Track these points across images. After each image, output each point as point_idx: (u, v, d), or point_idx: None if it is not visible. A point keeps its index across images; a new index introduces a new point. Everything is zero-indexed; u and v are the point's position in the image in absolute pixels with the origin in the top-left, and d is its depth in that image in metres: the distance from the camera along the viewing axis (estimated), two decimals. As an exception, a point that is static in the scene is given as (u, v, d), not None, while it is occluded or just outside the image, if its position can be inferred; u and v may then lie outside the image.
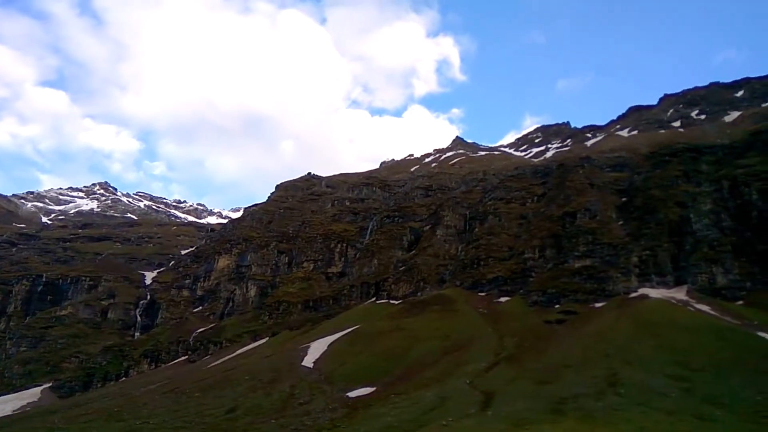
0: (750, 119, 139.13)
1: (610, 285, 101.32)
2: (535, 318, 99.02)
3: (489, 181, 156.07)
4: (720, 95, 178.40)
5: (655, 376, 63.64)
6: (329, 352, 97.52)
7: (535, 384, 68.63)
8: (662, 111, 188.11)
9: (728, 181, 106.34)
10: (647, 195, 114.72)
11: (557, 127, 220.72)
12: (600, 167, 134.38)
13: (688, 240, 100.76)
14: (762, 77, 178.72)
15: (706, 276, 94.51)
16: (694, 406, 54.20)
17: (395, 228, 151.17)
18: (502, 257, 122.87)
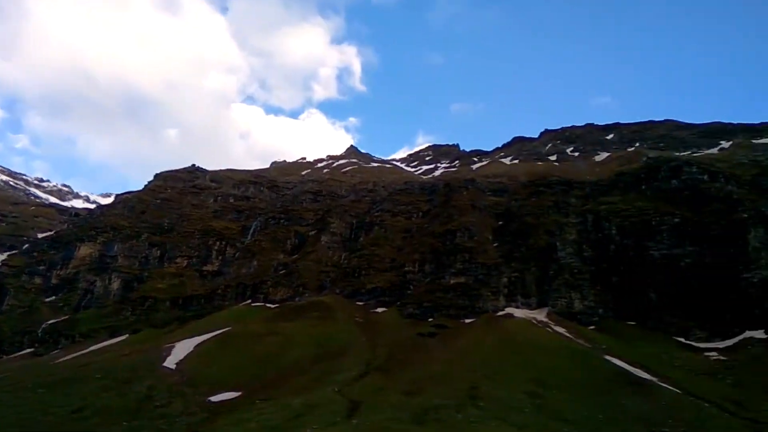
0: (617, 161, 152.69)
1: (481, 303, 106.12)
2: (409, 330, 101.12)
3: (378, 193, 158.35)
4: (593, 136, 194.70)
5: (513, 391, 67.11)
6: (195, 353, 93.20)
7: (402, 394, 69.84)
8: (542, 144, 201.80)
9: (592, 215, 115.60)
10: (521, 221, 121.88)
11: (447, 148, 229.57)
12: (482, 190, 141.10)
13: (553, 266, 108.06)
14: (630, 123, 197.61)
15: (565, 300, 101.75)
16: (543, 421, 57.68)
17: (280, 230, 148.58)
18: (384, 268, 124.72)
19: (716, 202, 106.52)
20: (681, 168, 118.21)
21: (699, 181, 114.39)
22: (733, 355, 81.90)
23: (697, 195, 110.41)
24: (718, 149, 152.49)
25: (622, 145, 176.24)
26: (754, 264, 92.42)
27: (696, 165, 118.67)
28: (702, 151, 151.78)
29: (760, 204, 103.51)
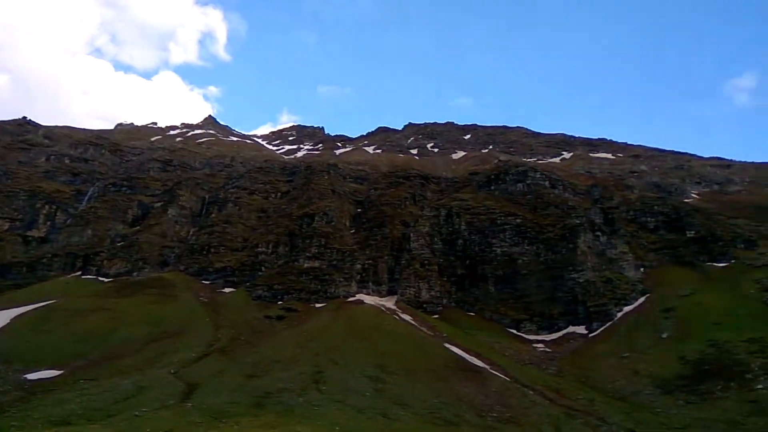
0: (472, 160, 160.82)
1: (333, 288, 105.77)
2: (256, 312, 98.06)
3: (235, 168, 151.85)
4: (453, 134, 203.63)
5: (356, 376, 67.21)
6: (11, 326, 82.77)
7: (243, 377, 67.32)
8: (405, 137, 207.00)
9: (445, 210, 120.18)
10: (379, 210, 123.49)
11: (312, 130, 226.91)
12: (344, 176, 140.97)
13: (405, 256, 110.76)
14: (486, 126, 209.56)
15: (413, 290, 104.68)
16: (383, 405, 58.28)
17: (121, 199, 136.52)
18: (235, 248, 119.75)
19: (554, 207, 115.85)
20: (526, 173, 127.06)
21: (541, 186, 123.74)
22: (557, 347, 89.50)
23: (538, 199, 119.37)
24: (560, 159, 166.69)
25: (477, 146, 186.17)
26: (581, 266, 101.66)
27: (539, 172, 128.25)
28: (546, 159, 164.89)
29: (590, 212, 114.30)
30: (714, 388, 67.08)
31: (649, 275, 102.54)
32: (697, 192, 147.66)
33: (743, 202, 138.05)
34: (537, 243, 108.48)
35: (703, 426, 59.29)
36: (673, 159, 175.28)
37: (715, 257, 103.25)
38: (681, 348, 78.06)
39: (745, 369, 69.13)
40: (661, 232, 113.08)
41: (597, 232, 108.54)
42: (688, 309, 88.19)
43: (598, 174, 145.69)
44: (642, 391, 70.36)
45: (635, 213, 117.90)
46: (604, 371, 77.91)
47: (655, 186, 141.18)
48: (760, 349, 72.48)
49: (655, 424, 60.16)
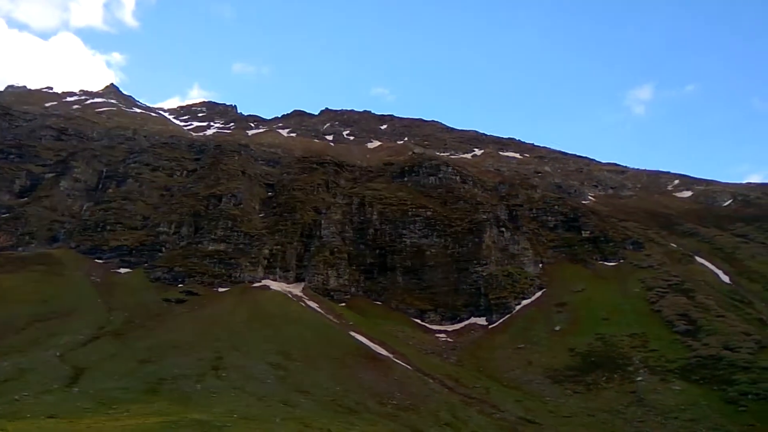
0: (387, 151, 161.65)
1: (238, 272, 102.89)
2: (154, 295, 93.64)
3: (138, 142, 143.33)
4: (369, 123, 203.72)
5: (258, 362, 65.84)
6: None
7: (136, 362, 64.37)
8: (321, 122, 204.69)
9: (358, 199, 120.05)
10: (291, 195, 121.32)
11: (224, 108, 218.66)
12: (255, 158, 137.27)
13: (315, 243, 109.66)
14: (403, 118, 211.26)
15: (321, 277, 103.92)
16: (284, 392, 57.44)
17: (8, 167, 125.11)
18: (133, 226, 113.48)
19: (463, 202, 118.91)
20: (439, 167, 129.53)
21: (452, 181, 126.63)
22: (459, 337, 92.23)
23: (449, 193, 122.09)
24: (471, 155, 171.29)
25: (393, 137, 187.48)
26: (486, 260, 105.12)
27: (452, 166, 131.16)
28: (458, 154, 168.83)
29: (497, 209, 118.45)
30: (599, 379, 71.66)
31: (546, 271, 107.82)
32: (593, 195, 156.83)
33: (634, 207, 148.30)
34: (445, 236, 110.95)
35: (587, 414, 63.16)
36: (575, 162, 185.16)
37: (607, 257, 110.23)
38: (571, 341, 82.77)
39: (627, 362, 74.38)
40: (560, 230, 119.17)
41: (502, 228, 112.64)
42: (580, 304, 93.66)
43: (506, 172, 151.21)
44: (534, 380, 73.94)
45: (537, 211, 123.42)
46: (501, 361, 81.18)
47: (557, 187, 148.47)
48: (641, 343, 78.25)
49: (544, 412, 63.38)
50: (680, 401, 63.33)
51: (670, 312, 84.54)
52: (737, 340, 73.54)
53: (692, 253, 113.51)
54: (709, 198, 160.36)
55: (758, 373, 65.42)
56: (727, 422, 58.77)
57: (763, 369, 65.99)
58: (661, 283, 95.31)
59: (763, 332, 77.92)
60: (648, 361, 73.45)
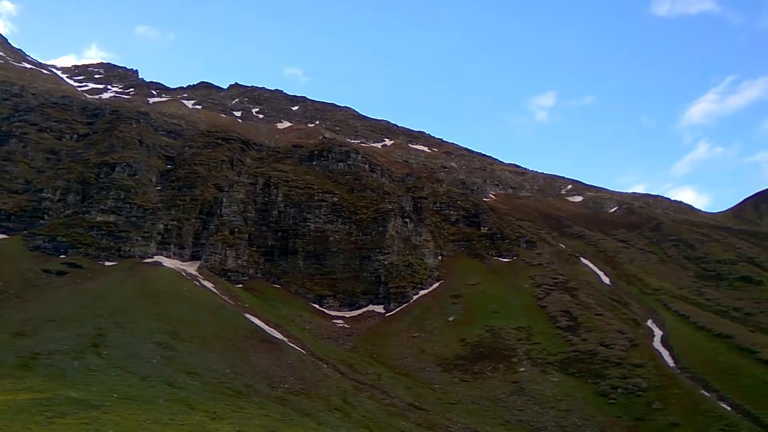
0: (297, 133, 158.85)
1: (128, 246, 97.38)
2: (32, 264, 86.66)
3: (25, 100, 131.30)
4: (280, 103, 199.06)
5: (144, 341, 62.54)
6: None
7: (8, 335, 59.35)
8: (229, 97, 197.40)
9: (263, 179, 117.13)
10: (192, 169, 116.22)
11: (124, 72, 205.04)
12: (155, 128, 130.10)
13: (214, 221, 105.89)
14: (315, 101, 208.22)
15: (219, 257, 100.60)
16: (170, 373, 54.92)
17: None
18: (14, 189, 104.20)
19: (370, 191, 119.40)
20: (349, 154, 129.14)
21: (361, 168, 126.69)
22: (356, 324, 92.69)
23: (357, 181, 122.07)
24: (381, 145, 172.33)
25: (304, 119, 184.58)
26: (388, 249, 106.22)
27: (361, 154, 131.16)
28: (369, 143, 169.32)
29: (403, 199, 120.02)
30: (485, 368, 74.65)
31: (445, 263, 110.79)
32: (494, 193, 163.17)
33: (530, 207, 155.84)
34: (350, 223, 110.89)
35: (471, 402, 65.60)
36: (479, 160, 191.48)
37: (502, 253, 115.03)
38: (463, 331, 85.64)
39: (512, 353, 78.03)
40: (461, 225, 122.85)
41: (406, 218, 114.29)
42: (474, 297, 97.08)
43: (414, 164, 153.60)
44: (425, 368, 75.79)
45: (441, 205, 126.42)
46: (395, 349, 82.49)
47: (461, 183, 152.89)
48: (526, 336, 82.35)
49: (432, 399, 65.12)
50: (557, 392, 67.31)
51: (555, 308, 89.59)
52: (612, 337, 79.16)
53: (578, 255, 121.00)
54: (598, 204, 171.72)
55: (628, 369, 70.78)
56: (597, 413, 63.20)
57: (633, 365, 71.48)
58: (548, 280, 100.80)
59: (636, 331, 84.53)
60: (531, 353, 77.49)
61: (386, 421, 54.50)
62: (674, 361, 75.81)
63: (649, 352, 77.57)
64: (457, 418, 59.12)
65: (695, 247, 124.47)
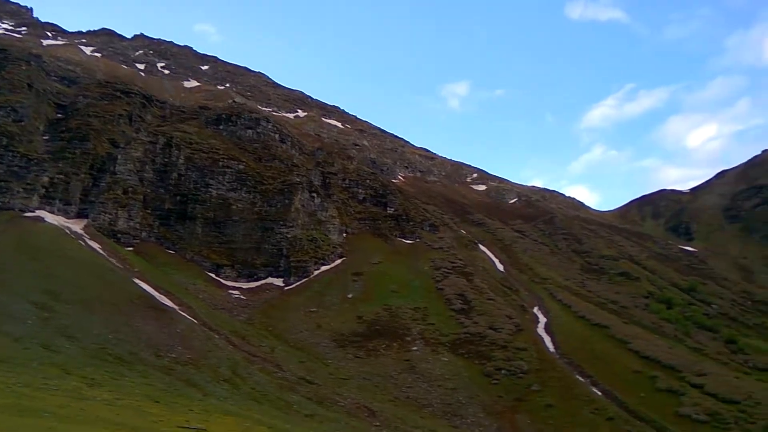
0: (205, 94, 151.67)
1: (8, 198, 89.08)
2: None
3: None
4: (189, 61, 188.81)
5: (18, 300, 57.73)
6: None
7: None
8: (133, 48, 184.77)
9: (165, 139, 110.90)
10: (85, 121, 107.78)
11: (17, 8, 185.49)
12: (48, 73, 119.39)
13: (106, 178, 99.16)
14: (227, 62, 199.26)
15: (109, 216, 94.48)
16: (47, 335, 51.13)
17: None
18: None
19: (278, 161, 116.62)
20: (259, 121, 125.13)
21: (270, 138, 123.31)
22: (253, 296, 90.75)
23: (265, 150, 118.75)
24: (293, 115, 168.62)
25: (213, 80, 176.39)
26: (292, 223, 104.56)
27: (272, 123, 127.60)
28: (281, 112, 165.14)
29: (311, 173, 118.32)
30: (379, 346, 75.78)
31: (349, 241, 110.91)
32: (403, 175, 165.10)
33: (436, 192, 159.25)
34: (255, 192, 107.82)
35: (363, 378, 66.42)
36: (391, 141, 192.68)
37: (405, 234, 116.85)
38: (361, 309, 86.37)
39: (406, 332, 79.72)
40: (368, 204, 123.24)
41: (313, 193, 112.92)
42: (375, 276, 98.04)
43: (326, 139, 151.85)
44: (321, 343, 75.77)
45: (350, 183, 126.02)
46: (291, 323, 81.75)
47: (372, 162, 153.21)
48: (422, 317, 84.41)
49: (324, 374, 65.22)
50: (446, 371, 69.65)
51: (451, 291, 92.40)
52: (501, 322, 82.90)
53: (477, 241, 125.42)
54: (499, 194, 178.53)
55: (513, 352, 74.49)
56: (481, 392, 66.10)
57: (517, 349, 75.28)
58: (447, 264, 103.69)
59: (523, 317, 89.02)
60: (425, 333, 79.57)
61: (276, 394, 53.92)
62: (555, 347, 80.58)
63: (533, 337, 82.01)
64: (347, 393, 59.59)
65: (583, 242, 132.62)
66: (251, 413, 42.12)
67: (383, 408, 56.59)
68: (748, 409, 63.98)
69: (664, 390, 68.07)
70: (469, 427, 58.27)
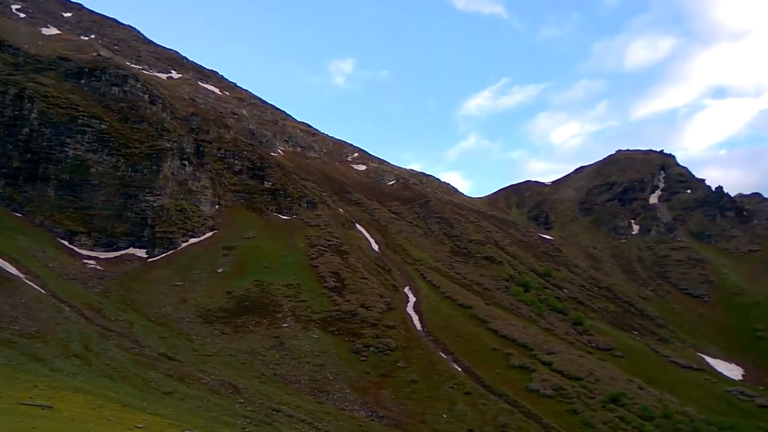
0: (66, 44, 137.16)
1: None
2: None
3: None
4: (50, 6, 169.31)
5: None
6: None
7: None
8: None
9: (16, 90, 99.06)
10: None
11: None
12: None
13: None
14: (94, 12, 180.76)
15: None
16: None
17: None
18: None
19: (147, 124, 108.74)
20: (127, 79, 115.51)
21: (139, 98, 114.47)
22: (111, 267, 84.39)
23: (133, 111, 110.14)
24: (167, 76, 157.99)
25: (77, 30, 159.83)
26: (160, 191, 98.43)
27: (142, 82, 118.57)
28: (152, 72, 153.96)
29: (184, 140, 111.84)
30: (248, 322, 73.94)
31: (222, 213, 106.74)
32: (283, 149, 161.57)
33: (316, 169, 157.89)
34: (119, 156, 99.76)
35: (229, 354, 64.47)
36: (272, 113, 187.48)
37: (282, 210, 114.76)
38: (231, 284, 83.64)
39: (278, 309, 78.48)
40: (244, 176, 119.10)
41: (185, 161, 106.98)
42: (247, 251, 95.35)
43: (202, 105, 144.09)
44: (185, 318, 72.37)
45: (226, 153, 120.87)
46: (154, 296, 77.27)
47: (250, 133, 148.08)
48: (294, 294, 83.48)
49: (187, 350, 62.40)
50: (314, 348, 69.54)
51: (325, 269, 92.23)
52: (373, 300, 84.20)
53: (354, 221, 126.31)
54: (378, 175, 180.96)
55: (382, 330, 76.01)
56: (348, 369, 66.83)
57: (386, 327, 76.92)
58: (323, 242, 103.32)
59: (394, 296, 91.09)
60: (296, 310, 78.78)
61: (132, 370, 50.60)
62: (422, 325, 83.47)
63: (402, 316, 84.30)
64: (211, 370, 57.45)
65: (454, 226, 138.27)
66: (104, 390, 39.16)
67: (248, 385, 55.26)
68: (589, 384, 70.56)
69: (517, 366, 73.10)
70: (334, 402, 58.68)
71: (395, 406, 60.83)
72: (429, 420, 58.62)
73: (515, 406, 62.57)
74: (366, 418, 56.15)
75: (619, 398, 67.70)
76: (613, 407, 65.86)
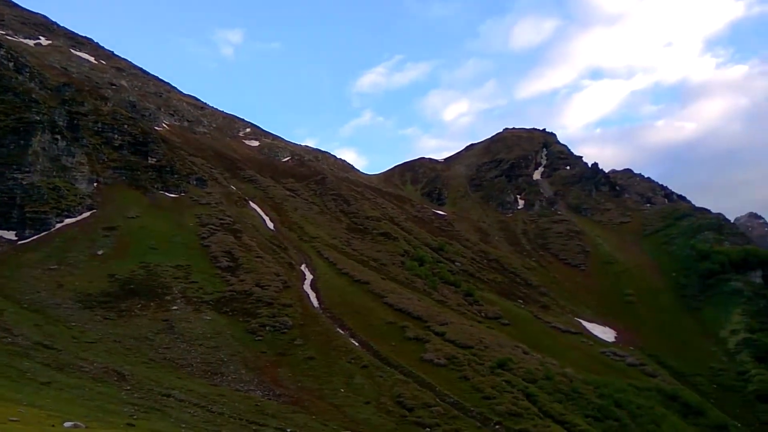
0: None
1: None
2: None
3: None
4: None
5: None
6: None
7: None
8: None
9: None
10: None
11: None
12: None
13: None
14: None
15: None
16: None
17: None
18: None
19: (13, 95, 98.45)
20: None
21: (3, 67, 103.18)
22: (-27, 251, 76.25)
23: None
24: (35, 43, 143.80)
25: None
26: (29, 168, 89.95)
27: (6, 49, 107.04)
28: (18, 38, 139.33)
29: (55, 112, 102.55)
30: (134, 306, 69.97)
31: (101, 192, 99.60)
32: (168, 123, 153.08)
33: (206, 144, 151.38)
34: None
35: (113, 340, 60.71)
36: (155, 85, 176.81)
37: (169, 188, 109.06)
38: (113, 266, 78.58)
39: (166, 291, 74.87)
40: (125, 152, 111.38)
41: (57, 135, 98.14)
42: (131, 231, 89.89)
43: (75, 74, 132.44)
44: (62, 304, 67.12)
45: (103, 126, 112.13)
46: (26, 281, 70.93)
47: (131, 105, 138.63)
48: (184, 275, 79.98)
49: (66, 338, 57.99)
50: (207, 330, 67.20)
51: (217, 249, 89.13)
52: (268, 279, 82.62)
53: (248, 198, 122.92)
54: (272, 151, 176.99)
55: (278, 308, 74.86)
56: (244, 349, 65.31)
57: (283, 305, 75.84)
58: (215, 221, 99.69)
59: (290, 274, 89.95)
60: (187, 292, 75.58)
61: (4, 361, 46.09)
62: (319, 303, 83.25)
63: (299, 293, 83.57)
64: (93, 357, 53.72)
65: (350, 203, 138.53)
66: (-32, 386, 35.32)
67: (135, 371, 52.29)
68: (479, 352, 73.93)
69: (412, 338, 75.06)
70: (229, 384, 57.15)
71: (292, 383, 60.39)
72: (326, 395, 58.80)
73: (410, 377, 64.31)
74: (262, 398, 55.26)
75: (506, 363, 71.62)
76: (500, 372, 69.55)
